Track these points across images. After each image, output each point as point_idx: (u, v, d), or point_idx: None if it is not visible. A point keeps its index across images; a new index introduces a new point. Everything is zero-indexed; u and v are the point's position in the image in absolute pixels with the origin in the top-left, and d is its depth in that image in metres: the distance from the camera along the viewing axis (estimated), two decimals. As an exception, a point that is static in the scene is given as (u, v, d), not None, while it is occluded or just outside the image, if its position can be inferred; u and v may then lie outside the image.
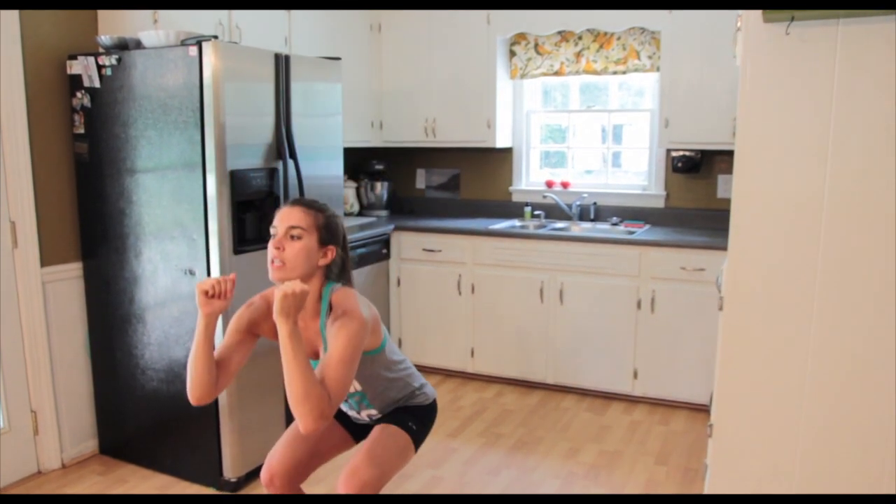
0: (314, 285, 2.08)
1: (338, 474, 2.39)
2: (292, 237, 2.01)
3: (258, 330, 2.15)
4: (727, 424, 2.29)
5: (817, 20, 2.02)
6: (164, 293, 3.12)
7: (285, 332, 1.83)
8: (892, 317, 2.05)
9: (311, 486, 3.11)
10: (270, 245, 2.02)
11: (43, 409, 3.27)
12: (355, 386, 2.21)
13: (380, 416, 2.33)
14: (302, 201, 2.10)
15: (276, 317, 1.83)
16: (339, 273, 2.14)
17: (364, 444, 2.20)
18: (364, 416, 2.34)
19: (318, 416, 1.83)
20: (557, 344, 4.31)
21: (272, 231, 2.04)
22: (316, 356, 2.14)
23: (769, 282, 2.17)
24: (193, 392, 2.01)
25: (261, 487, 3.18)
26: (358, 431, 2.41)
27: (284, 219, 2.04)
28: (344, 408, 2.35)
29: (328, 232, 2.07)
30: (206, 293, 1.95)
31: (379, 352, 2.19)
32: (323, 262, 2.07)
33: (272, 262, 2.00)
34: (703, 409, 4.02)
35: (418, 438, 2.29)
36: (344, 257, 2.15)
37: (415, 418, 2.31)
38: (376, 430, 2.25)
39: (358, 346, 1.96)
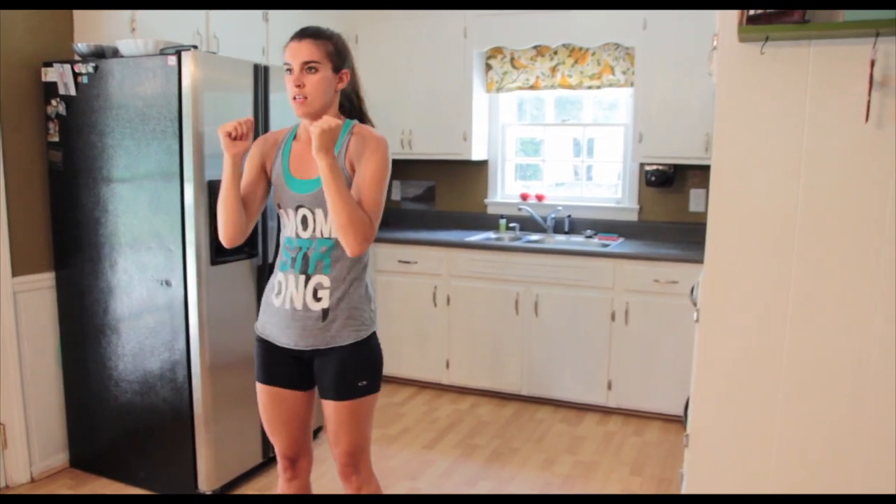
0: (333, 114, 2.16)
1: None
2: (308, 70, 2.05)
3: (267, 163, 2.21)
4: (703, 435, 2.33)
5: (790, 41, 2.08)
6: (140, 304, 3.09)
7: (326, 166, 1.94)
8: (865, 328, 2.11)
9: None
10: (290, 82, 2.07)
11: (12, 422, 3.21)
12: (331, 232, 2.09)
13: (327, 296, 2.10)
14: (308, 31, 2.10)
15: (316, 153, 1.93)
16: (355, 105, 2.24)
17: (332, 432, 2.15)
18: (310, 288, 2.11)
19: (363, 239, 1.99)
20: (532, 355, 4.34)
21: (286, 68, 2.08)
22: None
23: (745, 294, 2.22)
24: (227, 233, 2.13)
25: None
26: (305, 376, 2.21)
27: (296, 54, 2.06)
28: (288, 272, 2.14)
29: (339, 57, 2.12)
30: (230, 135, 2.06)
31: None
32: (340, 86, 2.14)
33: (294, 98, 2.06)
34: (676, 420, 4.07)
35: (375, 385, 2.17)
36: (354, 79, 2.22)
37: (362, 374, 2.14)
38: (333, 415, 2.14)
39: (387, 168, 2.08)
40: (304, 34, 2.08)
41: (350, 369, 2.14)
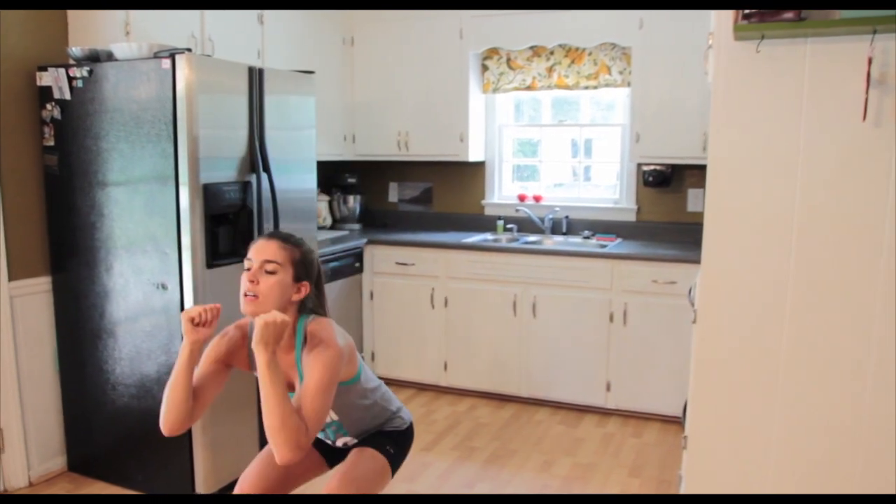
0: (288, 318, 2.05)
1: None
2: (267, 271, 1.98)
3: (232, 360, 2.13)
4: (702, 436, 2.32)
5: (786, 39, 2.07)
6: (136, 307, 3.08)
7: (264, 362, 1.83)
8: (863, 327, 2.10)
9: None
10: (244, 278, 2.00)
11: (10, 426, 3.20)
12: (331, 416, 2.18)
13: (356, 441, 2.29)
14: (278, 234, 2.08)
15: (256, 346, 1.83)
16: (312, 308, 2.12)
17: (340, 467, 2.16)
18: (340, 443, 2.30)
19: (295, 447, 1.82)
20: (530, 357, 4.33)
21: (246, 264, 2.02)
22: (291, 388, 2.08)
23: (742, 294, 2.21)
24: (168, 420, 1.98)
25: None
26: (332, 456, 2.35)
27: (260, 252, 2.01)
28: (320, 436, 2.31)
29: (303, 267, 2.05)
30: (193, 321, 1.94)
31: (354, 381, 2.15)
32: (296, 297, 2.05)
33: (245, 294, 1.98)
34: (674, 421, 4.06)
35: (396, 462, 2.26)
36: (318, 293, 2.14)
37: (392, 442, 2.27)
38: (353, 452, 2.21)
39: (334, 375, 1.94)
40: (273, 236, 2.07)
41: (386, 435, 2.29)
